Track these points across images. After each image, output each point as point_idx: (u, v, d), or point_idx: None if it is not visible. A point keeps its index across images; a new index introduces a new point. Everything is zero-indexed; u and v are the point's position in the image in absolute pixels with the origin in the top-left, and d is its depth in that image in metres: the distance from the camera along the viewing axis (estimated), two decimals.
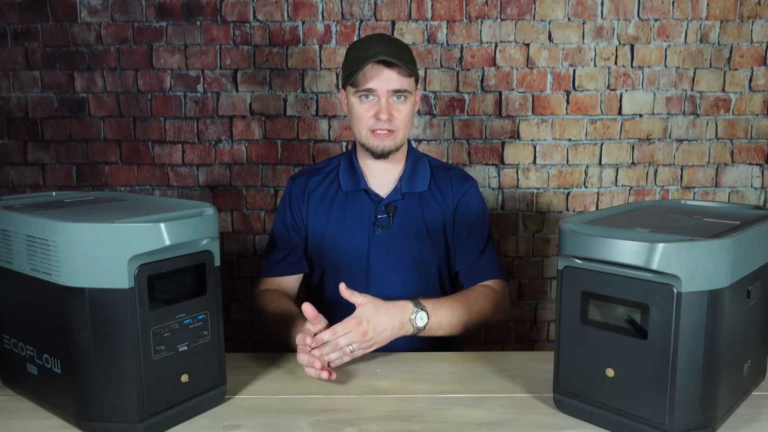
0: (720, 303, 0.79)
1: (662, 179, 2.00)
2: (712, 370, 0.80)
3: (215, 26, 1.92)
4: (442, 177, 1.38)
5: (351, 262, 1.33)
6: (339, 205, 1.35)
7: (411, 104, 1.29)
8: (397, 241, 1.32)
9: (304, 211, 1.37)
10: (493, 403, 0.97)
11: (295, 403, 0.97)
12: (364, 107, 1.27)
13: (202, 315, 0.90)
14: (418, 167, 1.37)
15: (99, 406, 0.83)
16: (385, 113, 1.25)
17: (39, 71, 1.95)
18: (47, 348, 0.88)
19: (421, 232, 1.33)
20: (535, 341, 2.09)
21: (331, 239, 1.34)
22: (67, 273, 0.81)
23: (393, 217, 1.32)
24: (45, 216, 0.85)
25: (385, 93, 1.25)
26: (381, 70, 1.23)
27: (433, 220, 1.35)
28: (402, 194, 1.34)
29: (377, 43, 1.25)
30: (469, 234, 1.35)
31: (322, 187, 1.38)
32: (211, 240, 0.90)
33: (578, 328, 0.87)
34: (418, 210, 1.34)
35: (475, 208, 1.37)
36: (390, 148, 1.29)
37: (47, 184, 2.01)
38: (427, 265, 1.35)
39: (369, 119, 1.27)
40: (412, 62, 1.28)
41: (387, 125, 1.26)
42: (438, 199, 1.36)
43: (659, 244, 0.76)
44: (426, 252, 1.34)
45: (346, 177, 1.36)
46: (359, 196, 1.34)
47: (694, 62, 1.93)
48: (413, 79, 1.28)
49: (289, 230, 1.37)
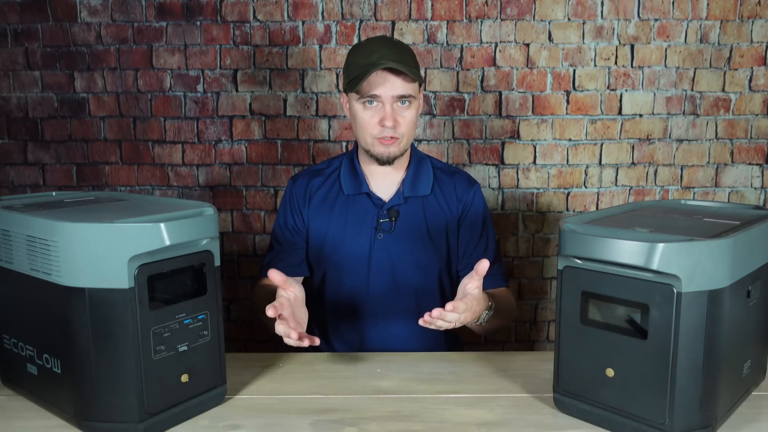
0: (720, 303, 0.79)
1: (662, 179, 2.00)
2: (712, 370, 0.80)
3: (215, 26, 1.92)
4: (446, 181, 1.37)
5: (352, 266, 1.32)
6: (340, 208, 1.33)
7: (415, 109, 1.27)
8: (399, 245, 1.31)
9: (305, 212, 1.36)
10: (494, 403, 0.97)
11: (295, 403, 0.97)
12: (368, 114, 1.25)
13: (202, 315, 0.90)
14: (421, 170, 1.36)
15: (99, 406, 0.83)
16: (390, 120, 1.22)
17: (39, 71, 1.95)
18: (47, 348, 0.88)
19: (423, 236, 1.32)
20: (535, 341, 2.09)
21: (333, 243, 1.33)
22: (67, 273, 0.81)
23: (395, 222, 1.31)
24: (45, 216, 0.85)
25: (390, 99, 1.22)
26: (386, 76, 1.21)
27: (436, 225, 1.34)
28: (404, 198, 1.32)
29: (381, 48, 1.23)
30: (478, 240, 1.35)
31: (323, 189, 1.36)
32: (211, 240, 0.90)
33: (578, 328, 0.87)
34: (421, 214, 1.33)
35: (481, 214, 1.37)
36: (395, 155, 1.27)
37: (47, 184, 2.01)
38: (429, 269, 1.34)
39: (374, 126, 1.24)
40: (416, 66, 1.26)
41: (392, 132, 1.24)
42: (441, 203, 1.35)
43: (659, 244, 0.76)
44: (428, 257, 1.33)
45: (347, 179, 1.35)
46: (361, 200, 1.33)
47: (694, 62, 1.93)
48: (417, 84, 1.26)
49: (290, 231, 1.36)
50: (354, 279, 1.32)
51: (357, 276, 1.32)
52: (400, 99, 1.23)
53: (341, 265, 1.32)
